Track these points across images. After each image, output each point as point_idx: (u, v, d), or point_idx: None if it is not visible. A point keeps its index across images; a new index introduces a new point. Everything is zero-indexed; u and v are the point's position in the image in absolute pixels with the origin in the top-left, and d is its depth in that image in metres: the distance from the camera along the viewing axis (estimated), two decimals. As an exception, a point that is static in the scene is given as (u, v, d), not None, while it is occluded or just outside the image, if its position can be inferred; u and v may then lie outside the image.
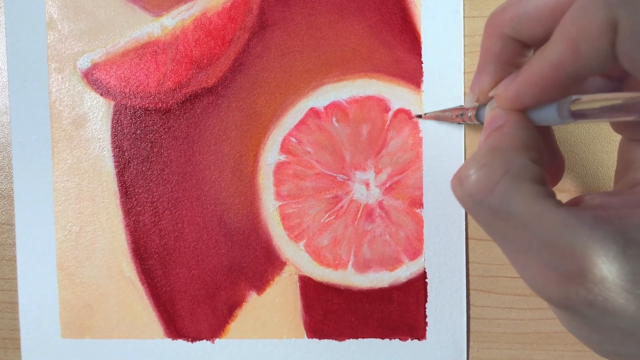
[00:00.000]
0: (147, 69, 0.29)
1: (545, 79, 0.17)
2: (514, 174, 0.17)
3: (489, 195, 0.17)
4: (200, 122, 0.29)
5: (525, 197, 0.16)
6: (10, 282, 0.30)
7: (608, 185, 0.28)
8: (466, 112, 0.24)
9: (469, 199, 0.18)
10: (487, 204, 0.17)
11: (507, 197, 0.17)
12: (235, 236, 0.29)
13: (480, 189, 0.17)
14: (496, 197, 0.17)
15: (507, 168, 0.17)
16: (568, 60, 0.16)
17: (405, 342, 0.29)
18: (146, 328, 0.29)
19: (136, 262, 0.29)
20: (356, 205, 0.29)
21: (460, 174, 0.18)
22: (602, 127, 0.28)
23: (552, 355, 0.29)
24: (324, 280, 0.29)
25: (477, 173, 0.17)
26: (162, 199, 0.29)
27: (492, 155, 0.17)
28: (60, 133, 0.29)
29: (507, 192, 0.17)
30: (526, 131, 0.18)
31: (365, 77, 0.28)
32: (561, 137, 0.28)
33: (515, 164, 0.17)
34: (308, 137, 0.29)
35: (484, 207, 0.17)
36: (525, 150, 0.17)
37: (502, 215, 0.17)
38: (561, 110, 0.17)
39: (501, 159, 0.17)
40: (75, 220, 0.29)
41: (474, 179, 0.17)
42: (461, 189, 0.18)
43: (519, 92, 0.18)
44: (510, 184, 0.17)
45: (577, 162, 0.28)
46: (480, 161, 0.17)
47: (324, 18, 0.28)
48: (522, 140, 0.18)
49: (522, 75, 0.17)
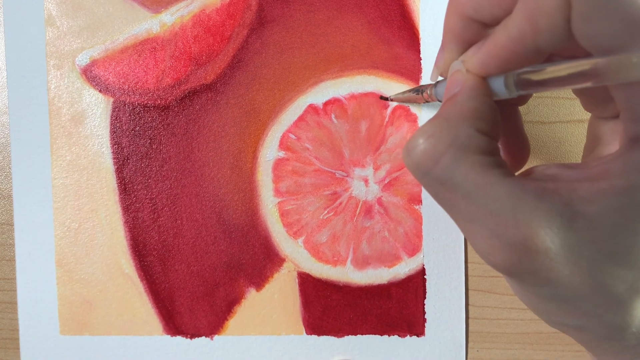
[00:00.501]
0: (145, 65, 0.29)
1: (507, 51, 0.17)
2: (459, 144, 0.17)
3: (435, 167, 0.17)
4: (199, 118, 0.29)
5: (470, 168, 0.17)
6: (10, 282, 0.30)
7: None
8: (425, 89, 0.24)
9: (416, 169, 0.18)
10: (433, 174, 0.17)
11: (452, 168, 0.17)
12: (234, 233, 0.29)
13: (426, 159, 0.17)
14: (442, 168, 0.17)
15: (453, 139, 0.17)
16: (527, 35, 0.16)
17: (404, 339, 0.29)
18: (145, 324, 0.29)
19: (135, 258, 0.29)
20: (355, 201, 0.29)
21: (409, 144, 0.18)
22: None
23: (552, 355, 0.29)
24: (323, 277, 0.29)
25: (424, 144, 0.17)
26: (161, 195, 0.29)
27: (440, 125, 0.17)
28: (59, 129, 0.29)
29: (452, 163, 0.17)
30: (479, 100, 0.18)
31: (364, 73, 0.28)
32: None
33: (462, 134, 0.17)
34: (307, 134, 0.29)
35: (431, 178, 0.17)
36: (473, 120, 0.17)
37: (448, 185, 0.17)
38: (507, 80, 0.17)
39: (448, 129, 0.17)
40: (74, 216, 0.29)
41: (420, 150, 0.17)
42: (409, 159, 0.18)
43: (484, 62, 0.18)
44: (456, 155, 0.17)
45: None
46: (428, 131, 0.17)
47: (322, 14, 0.29)
48: (473, 110, 0.18)
49: (487, 47, 0.18)
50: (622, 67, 0.14)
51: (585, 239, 0.15)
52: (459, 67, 0.19)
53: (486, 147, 0.17)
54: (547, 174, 0.17)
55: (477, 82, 0.18)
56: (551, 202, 0.15)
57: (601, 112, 0.19)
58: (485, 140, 0.17)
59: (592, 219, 0.15)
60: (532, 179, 0.17)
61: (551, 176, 0.17)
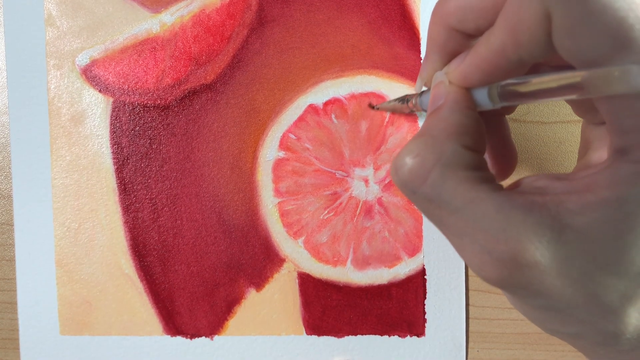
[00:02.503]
0: (145, 65, 0.29)
1: (489, 63, 0.17)
2: (445, 162, 0.17)
3: (423, 185, 0.17)
4: (199, 118, 0.29)
5: (457, 184, 0.17)
6: (10, 282, 0.30)
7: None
8: (410, 99, 0.24)
9: (404, 187, 0.18)
10: (421, 192, 0.17)
11: (439, 186, 0.17)
12: (234, 233, 0.29)
13: (413, 178, 0.17)
14: (429, 187, 0.17)
15: (439, 156, 0.17)
16: (509, 48, 0.16)
17: (404, 339, 0.29)
18: (145, 325, 0.29)
19: (135, 258, 0.29)
20: (355, 201, 0.29)
21: (396, 162, 0.18)
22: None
23: (552, 355, 0.29)
24: (323, 277, 0.29)
25: (410, 162, 0.18)
26: (161, 195, 0.29)
27: (425, 143, 0.18)
28: (59, 130, 0.29)
29: (439, 181, 0.17)
30: (462, 114, 0.18)
31: (364, 73, 0.28)
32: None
33: (448, 151, 0.17)
34: (307, 134, 0.29)
35: (419, 196, 0.18)
36: (458, 136, 0.18)
37: (436, 203, 0.17)
38: (491, 92, 0.18)
39: (433, 147, 0.17)
40: (74, 217, 0.29)
41: (407, 169, 0.18)
42: (397, 178, 0.18)
43: (467, 74, 0.18)
44: (442, 173, 0.17)
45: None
46: (414, 150, 0.18)
47: (322, 14, 0.28)
48: (457, 124, 0.18)
49: (469, 58, 0.18)
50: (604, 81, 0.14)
51: (575, 251, 0.15)
52: (442, 78, 0.19)
53: (472, 162, 0.17)
54: (536, 186, 0.17)
55: (461, 94, 0.18)
56: (539, 216, 0.15)
57: (591, 119, 0.20)
58: (471, 155, 0.17)
59: (581, 232, 0.15)
60: (520, 192, 0.17)
61: (539, 189, 0.17)
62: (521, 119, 0.29)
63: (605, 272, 0.15)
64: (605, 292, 0.15)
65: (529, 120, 0.29)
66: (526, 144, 0.29)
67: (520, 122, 0.29)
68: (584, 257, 0.15)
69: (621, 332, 0.16)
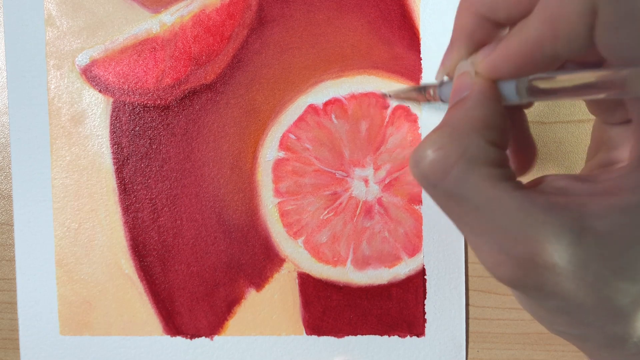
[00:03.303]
0: (145, 65, 0.29)
1: (523, 55, 0.16)
2: (469, 157, 0.16)
3: (445, 179, 0.17)
4: (199, 118, 0.29)
5: (479, 181, 0.16)
6: (10, 282, 0.30)
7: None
8: (429, 88, 0.23)
9: (425, 180, 0.17)
10: (442, 187, 0.17)
11: (461, 182, 0.16)
12: (234, 233, 0.29)
13: (435, 171, 0.17)
14: (451, 181, 0.17)
15: (463, 151, 0.17)
16: (546, 40, 0.15)
17: (404, 339, 0.29)
18: (145, 325, 0.29)
19: (135, 258, 0.29)
20: (355, 202, 0.29)
21: (416, 154, 0.18)
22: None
23: (552, 355, 0.29)
24: (323, 277, 0.29)
25: (433, 155, 0.17)
26: (161, 195, 0.29)
27: (450, 136, 0.17)
28: (59, 130, 0.29)
29: (461, 177, 0.16)
30: (489, 107, 0.17)
31: (364, 73, 0.28)
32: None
33: (472, 146, 0.17)
34: (307, 134, 0.29)
35: (439, 190, 0.17)
36: (484, 131, 0.17)
37: (457, 198, 0.17)
38: (519, 86, 0.17)
39: (458, 141, 0.17)
40: (74, 217, 0.29)
41: (429, 161, 0.17)
42: (417, 170, 0.17)
43: (496, 65, 0.17)
44: (466, 168, 0.16)
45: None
46: (437, 142, 0.17)
47: (322, 14, 0.28)
48: (482, 118, 0.17)
49: (500, 49, 0.17)
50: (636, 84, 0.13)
51: (593, 254, 0.15)
52: (467, 68, 0.19)
53: (496, 158, 0.17)
54: (557, 186, 0.17)
55: (487, 86, 0.18)
56: (561, 217, 0.15)
57: (608, 118, 0.19)
58: (495, 151, 0.17)
59: (601, 235, 0.15)
60: (542, 191, 0.17)
61: (561, 189, 0.17)
62: (521, 119, 0.29)
63: (620, 277, 0.15)
64: (618, 296, 0.15)
65: (529, 120, 0.29)
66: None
67: (520, 122, 0.29)
68: (601, 261, 0.15)
69: (629, 336, 0.16)
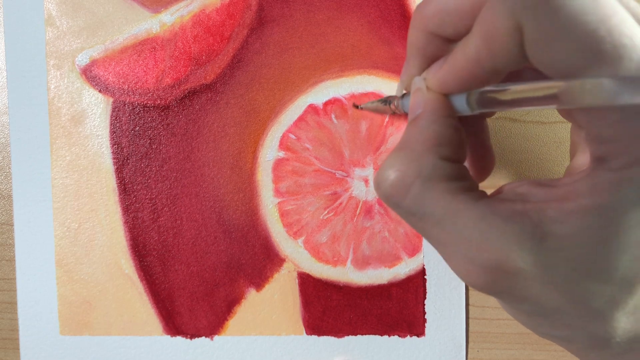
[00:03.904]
0: (145, 65, 0.29)
1: (466, 71, 0.17)
2: (425, 175, 0.17)
3: (405, 198, 0.18)
4: (199, 118, 0.29)
5: (438, 197, 0.17)
6: (10, 282, 0.30)
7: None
8: (393, 101, 0.24)
9: (388, 201, 0.18)
10: (404, 206, 0.18)
11: (421, 199, 0.17)
12: (234, 233, 0.29)
13: (395, 192, 0.18)
14: (411, 199, 0.17)
15: (419, 170, 0.17)
16: (483, 57, 0.16)
17: (404, 339, 0.29)
18: (145, 325, 0.29)
19: (135, 258, 0.29)
20: (355, 201, 0.29)
21: (378, 176, 0.18)
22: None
23: (552, 355, 0.29)
24: (323, 277, 0.29)
25: (392, 176, 0.18)
26: (161, 195, 0.29)
27: (405, 157, 0.18)
28: (59, 130, 0.29)
29: (420, 194, 0.17)
30: (441, 124, 0.18)
31: (364, 73, 0.28)
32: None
33: (427, 165, 0.17)
34: (307, 134, 0.29)
35: (402, 209, 0.18)
36: (437, 148, 0.18)
37: (419, 215, 0.17)
38: (470, 98, 0.18)
39: (412, 161, 0.18)
40: (74, 216, 0.29)
41: (389, 183, 0.18)
42: (380, 192, 0.18)
43: (444, 81, 0.18)
44: (423, 186, 0.17)
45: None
46: (395, 164, 0.18)
47: (322, 14, 0.28)
48: (435, 136, 0.18)
49: (447, 65, 0.18)
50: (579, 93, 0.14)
51: (557, 257, 0.15)
52: (420, 84, 0.19)
53: (452, 172, 0.18)
54: (517, 192, 0.18)
55: (439, 103, 0.19)
56: (521, 224, 0.16)
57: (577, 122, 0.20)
58: (451, 166, 0.18)
59: (562, 239, 0.15)
60: (502, 199, 0.17)
61: (521, 195, 0.17)
62: (521, 119, 0.29)
63: (590, 279, 0.15)
64: (592, 297, 0.15)
65: (529, 120, 0.29)
66: (526, 144, 0.29)
67: (520, 122, 0.29)
68: (567, 264, 0.15)
69: (611, 336, 0.16)
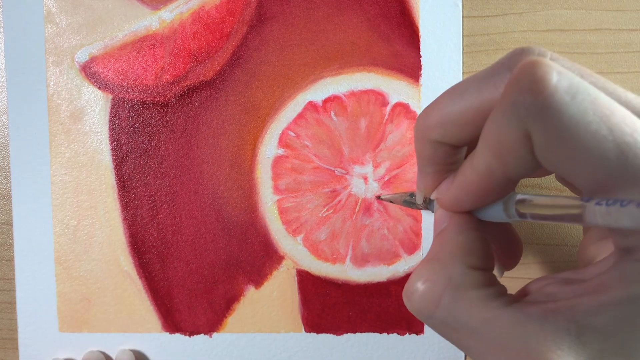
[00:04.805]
0: (145, 62, 0.29)
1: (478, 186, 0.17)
2: (455, 285, 0.17)
3: (436, 310, 0.18)
4: (198, 115, 0.29)
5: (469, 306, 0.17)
6: (9, 282, 0.30)
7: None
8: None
9: (419, 314, 0.18)
10: (436, 317, 0.18)
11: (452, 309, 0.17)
12: (233, 230, 0.29)
13: (426, 304, 0.18)
14: (443, 311, 0.17)
15: (448, 280, 0.18)
16: (495, 169, 0.16)
17: (403, 337, 0.29)
18: (144, 322, 0.29)
19: (134, 255, 0.29)
20: (354, 199, 0.29)
21: (407, 289, 0.19)
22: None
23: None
24: (322, 275, 0.29)
25: (421, 288, 0.18)
26: (160, 192, 0.29)
27: (433, 267, 0.18)
28: (58, 126, 0.29)
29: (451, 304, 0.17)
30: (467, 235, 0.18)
31: (363, 70, 0.28)
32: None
33: (455, 274, 0.18)
34: (306, 131, 0.29)
35: (435, 321, 0.18)
36: (464, 257, 0.18)
37: (453, 325, 0.17)
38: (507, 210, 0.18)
39: (442, 271, 0.18)
40: (73, 213, 0.29)
41: (419, 295, 0.18)
42: (410, 304, 0.19)
43: (457, 198, 0.18)
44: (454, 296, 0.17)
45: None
46: (424, 275, 0.18)
47: (322, 11, 0.28)
48: (462, 246, 0.18)
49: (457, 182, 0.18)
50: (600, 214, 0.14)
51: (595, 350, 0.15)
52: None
53: (481, 280, 0.18)
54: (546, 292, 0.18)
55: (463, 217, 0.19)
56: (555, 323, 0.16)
57: None
58: (479, 274, 0.18)
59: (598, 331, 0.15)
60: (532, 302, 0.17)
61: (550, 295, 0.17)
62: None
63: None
64: None
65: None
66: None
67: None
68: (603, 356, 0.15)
69: None
